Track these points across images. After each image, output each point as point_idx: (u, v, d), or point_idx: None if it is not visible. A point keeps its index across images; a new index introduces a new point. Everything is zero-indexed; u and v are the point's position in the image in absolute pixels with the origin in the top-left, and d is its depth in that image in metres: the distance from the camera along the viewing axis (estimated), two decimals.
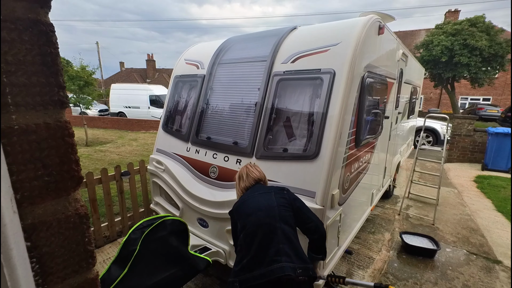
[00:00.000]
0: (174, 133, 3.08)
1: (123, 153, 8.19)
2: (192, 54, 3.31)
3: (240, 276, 1.40)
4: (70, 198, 0.37)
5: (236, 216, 1.66)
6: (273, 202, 1.57)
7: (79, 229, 0.37)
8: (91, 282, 0.38)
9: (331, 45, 2.12)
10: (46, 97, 0.33)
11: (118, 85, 16.59)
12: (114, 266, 1.91)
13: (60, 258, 0.35)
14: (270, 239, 1.42)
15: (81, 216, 0.37)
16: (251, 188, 1.75)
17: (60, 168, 0.35)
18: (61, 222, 0.35)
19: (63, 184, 0.35)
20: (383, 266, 2.96)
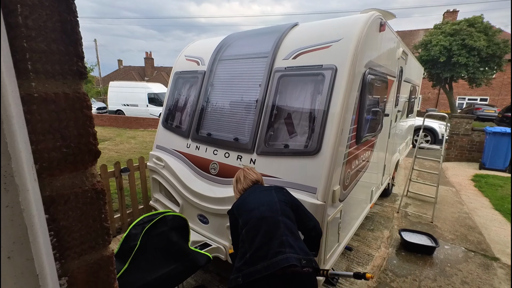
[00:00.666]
0: (174, 130, 3.07)
1: (122, 150, 8.16)
2: (192, 50, 3.29)
3: (243, 270, 1.38)
4: (87, 172, 0.36)
5: (236, 213, 1.66)
6: (274, 198, 1.61)
7: (96, 204, 0.37)
8: (107, 260, 0.38)
9: (333, 41, 2.12)
10: (66, 66, 0.32)
11: (117, 83, 16.49)
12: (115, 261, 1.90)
13: (77, 233, 0.34)
14: (273, 232, 1.43)
15: (98, 191, 0.37)
16: (250, 188, 1.78)
17: (78, 140, 0.34)
18: (79, 196, 0.34)
19: (81, 157, 0.35)
20: (382, 263, 2.97)
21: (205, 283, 2.57)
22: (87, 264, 0.35)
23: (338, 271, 1.77)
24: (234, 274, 1.44)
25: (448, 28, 15.24)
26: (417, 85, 6.05)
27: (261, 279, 1.32)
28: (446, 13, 23.08)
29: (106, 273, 0.38)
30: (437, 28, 16.11)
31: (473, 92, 22.46)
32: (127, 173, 3.40)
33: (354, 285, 2.61)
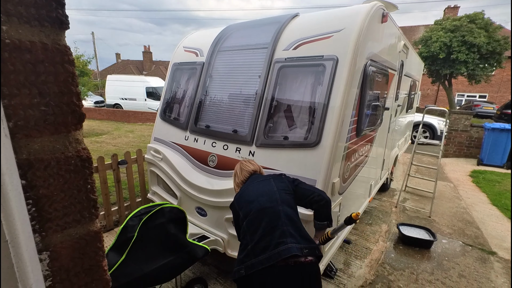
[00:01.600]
0: (172, 122, 3.03)
1: (120, 144, 8.10)
2: (191, 41, 3.24)
3: (246, 262, 1.36)
4: (71, 137, 0.33)
5: (237, 206, 1.64)
6: (273, 187, 1.59)
7: (81, 173, 0.33)
8: (94, 236, 0.35)
9: (334, 31, 2.08)
10: (43, 11, 0.29)
11: (114, 77, 16.33)
12: (112, 252, 1.88)
13: (60, 203, 0.31)
14: (274, 223, 1.41)
15: (83, 159, 0.34)
16: (248, 180, 1.77)
17: (59, 99, 0.31)
18: (61, 162, 0.31)
19: (62, 119, 0.31)
20: (380, 256, 2.98)
21: (203, 276, 2.56)
22: (72, 239, 0.32)
23: (335, 227, 1.76)
24: (237, 266, 1.43)
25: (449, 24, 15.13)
26: (417, 80, 6.02)
27: (264, 270, 1.30)
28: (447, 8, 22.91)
29: (94, 249, 0.35)
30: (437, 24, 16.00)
31: (472, 89, 22.46)
32: (125, 166, 3.36)
33: (352, 278, 2.61)
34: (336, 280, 2.57)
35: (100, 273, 0.35)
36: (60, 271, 0.30)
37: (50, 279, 0.29)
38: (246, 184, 1.74)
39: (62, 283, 0.30)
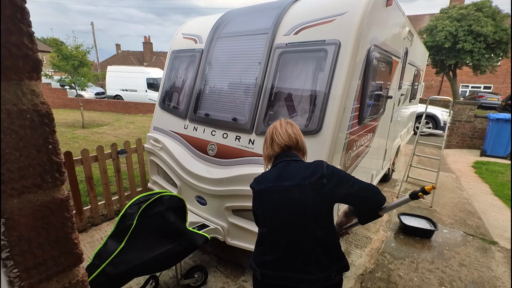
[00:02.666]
0: (172, 110, 2.99)
1: (121, 135, 8.10)
2: (190, 28, 3.16)
3: (262, 269, 1.25)
4: (24, 87, 0.29)
5: (257, 199, 1.34)
6: (306, 201, 1.18)
7: (39, 130, 0.30)
8: (61, 204, 0.31)
9: (337, 14, 2.01)
10: None
11: (115, 68, 16.20)
12: (111, 240, 1.88)
13: (14, 164, 0.27)
14: (298, 246, 1.20)
15: (41, 115, 0.30)
16: (279, 163, 1.31)
17: (5, 39, 0.26)
18: (12, 115, 0.27)
19: (11, 62, 0.27)
20: (380, 246, 2.98)
21: (204, 264, 2.58)
22: (32, 205, 0.29)
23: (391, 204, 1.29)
24: (254, 263, 1.30)
25: (455, 12, 14.77)
26: (421, 69, 5.90)
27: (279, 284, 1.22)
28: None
29: (60, 219, 0.32)
30: (443, 13, 15.62)
31: (477, 80, 22.11)
32: (124, 155, 3.35)
33: (352, 266, 2.62)
34: None
35: (69, 246, 0.32)
36: (19, 242, 0.27)
37: (7, 250, 0.26)
38: (274, 174, 1.29)
39: (23, 255, 0.27)
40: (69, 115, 11.92)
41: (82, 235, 2.98)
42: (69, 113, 12.45)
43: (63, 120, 10.42)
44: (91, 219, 3.20)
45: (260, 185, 1.30)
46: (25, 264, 0.27)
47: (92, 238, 2.94)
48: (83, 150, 2.97)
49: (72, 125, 9.57)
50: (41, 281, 0.30)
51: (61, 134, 7.98)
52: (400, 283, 2.43)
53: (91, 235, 2.98)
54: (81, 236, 2.96)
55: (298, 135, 1.37)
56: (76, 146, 6.59)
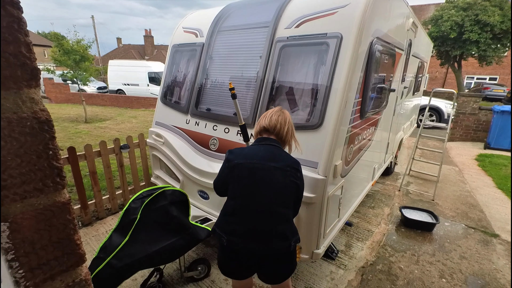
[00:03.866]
0: (173, 105, 3.00)
1: (123, 130, 8.13)
2: (190, 21, 3.13)
3: (230, 237, 1.41)
4: (24, 95, 0.29)
5: (235, 171, 1.42)
6: (286, 187, 1.40)
7: (39, 137, 0.30)
8: (62, 207, 0.32)
9: (339, 7, 1.97)
10: None
11: (116, 62, 16.15)
12: (115, 234, 1.91)
13: (16, 169, 0.28)
14: (270, 222, 1.40)
15: (41, 121, 0.30)
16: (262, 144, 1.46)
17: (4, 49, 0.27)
18: (13, 124, 0.28)
19: (10, 72, 0.28)
20: (381, 239, 3.00)
21: (207, 256, 2.62)
22: (35, 209, 0.30)
23: None
24: (219, 229, 1.46)
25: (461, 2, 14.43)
26: (425, 61, 5.81)
27: (243, 249, 1.42)
28: None
29: (62, 221, 0.33)
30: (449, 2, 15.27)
31: (483, 71, 21.74)
32: (127, 150, 3.37)
33: (353, 259, 2.65)
34: (337, 261, 2.60)
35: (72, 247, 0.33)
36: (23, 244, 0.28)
37: (12, 252, 0.27)
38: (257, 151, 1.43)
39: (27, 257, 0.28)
40: (72, 109, 11.97)
41: (87, 228, 3.03)
42: (71, 108, 12.50)
43: (66, 115, 10.48)
44: (96, 213, 3.25)
45: (243, 159, 1.42)
46: (30, 265, 0.29)
47: (97, 231, 2.99)
48: (87, 146, 2.99)
49: (75, 120, 9.62)
50: (45, 280, 0.31)
51: (65, 129, 8.04)
52: (400, 276, 2.46)
53: (96, 229, 3.04)
54: (86, 230, 3.01)
55: (281, 124, 1.49)
56: (79, 141, 6.64)
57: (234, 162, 1.43)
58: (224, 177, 1.50)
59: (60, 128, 8.08)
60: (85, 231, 2.99)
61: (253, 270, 1.52)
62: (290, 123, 1.52)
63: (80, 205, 3.03)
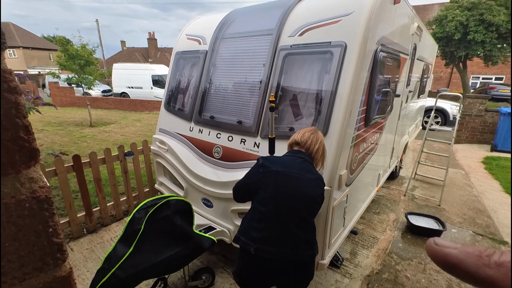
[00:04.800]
0: (177, 112, 3.00)
1: (127, 133, 8.18)
2: (193, 28, 3.14)
3: (258, 244, 1.44)
4: (22, 177, 0.29)
5: (267, 177, 1.48)
6: (316, 197, 1.50)
7: (38, 217, 0.30)
8: (62, 281, 0.31)
9: (343, 15, 1.96)
10: None
11: (120, 65, 16.27)
12: (120, 244, 1.91)
13: (14, 254, 0.28)
14: (298, 227, 1.46)
15: (40, 200, 0.30)
16: (295, 156, 1.57)
17: (2, 136, 0.27)
18: (11, 209, 0.27)
19: (8, 158, 0.27)
20: (387, 246, 2.96)
21: (211, 265, 2.61)
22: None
23: None
24: (246, 235, 1.49)
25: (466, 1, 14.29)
26: (430, 63, 5.76)
27: (272, 259, 1.45)
28: None
29: None
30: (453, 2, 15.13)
31: (488, 71, 21.48)
32: (131, 157, 3.38)
33: (358, 267, 2.62)
34: (342, 270, 2.57)
35: None
36: None
37: None
38: (289, 161, 1.54)
39: None
40: (77, 113, 12.08)
41: (92, 236, 3.05)
42: (76, 111, 12.62)
43: (71, 119, 10.58)
44: (101, 219, 3.27)
45: (281, 168, 1.49)
46: None
47: (102, 239, 3.00)
48: (91, 153, 3.01)
49: (80, 123, 9.70)
50: None
51: (70, 133, 8.11)
52: (407, 285, 2.43)
53: (101, 236, 3.05)
54: (91, 237, 3.03)
55: (312, 140, 1.60)
56: (84, 145, 6.69)
57: (272, 169, 1.49)
58: (253, 183, 1.55)
59: (65, 133, 8.16)
60: (90, 238, 3.00)
61: (275, 280, 1.54)
62: (322, 144, 1.62)
63: (85, 212, 3.05)
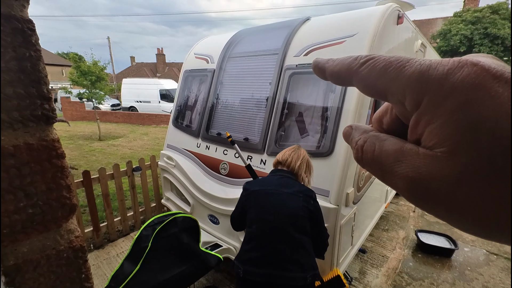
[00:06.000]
0: (184, 129, 3.06)
1: (135, 147, 8.31)
2: (202, 48, 3.25)
3: (246, 266, 1.41)
4: (62, 230, 0.32)
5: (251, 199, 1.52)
6: (298, 211, 1.44)
7: (73, 265, 0.32)
8: None
9: (347, 36, 2.01)
10: (26, 112, 0.28)
11: (129, 80, 16.79)
12: (127, 262, 1.92)
13: None
14: (285, 246, 1.39)
15: (75, 249, 0.32)
16: (276, 174, 1.57)
17: (47, 196, 0.30)
18: (51, 259, 0.30)
19: (52, 215, 0.30)
20: (397, 265, 2.88)
21: (216, 283, 2.58)
22: None
23: None
24: (237, 261, 1.47)
25: (469, 15, 14.43)
26: None
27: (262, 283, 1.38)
28: None
29: None
30: (457, 16, 15.29)
31: None
32: (139, 172, 3.43)
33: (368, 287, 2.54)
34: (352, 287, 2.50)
35: None
36: None
37: None
38: (272, 180, 1.55)
39: None
40: (87, 127, 12.37)
41: (99, 251, 3.05)
42: (86, 125, 12.92)
43: (81, 133, 10.83)
44: (108, 235, 3.28)
45: (258, 187, 1.54)
46: None
47: (108, 254, 3.00)
48: (101, 169, 3.07)
49: (90, 137, 9.92)
50: None
51: (79, 147, 8.28)
52: None
53: (107, 252, 3.05)
54: (98, 252, 3.03)
55: (292, 158, 1.60)
56: (93, 159, 6.81)
57: (250, 190, 1.55)
58: (240, 207, 1.58)
59: (75, 146, 8.34)
60: (97, 254, 3.01)
61: None
62: (304, 160, 1.62)
63: (92, 227, 3.07)
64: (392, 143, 0.18)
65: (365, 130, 0.22)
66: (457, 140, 0.15)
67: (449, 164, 0.15)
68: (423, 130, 0.17)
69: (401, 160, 0.17)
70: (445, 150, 0.15)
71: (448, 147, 0.15)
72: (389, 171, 0.18)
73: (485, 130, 0.14)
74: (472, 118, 0.14)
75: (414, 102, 0.17)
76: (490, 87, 0.14)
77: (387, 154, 0.18)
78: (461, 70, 0.15)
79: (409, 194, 0.17)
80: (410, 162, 0.17)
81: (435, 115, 0.16)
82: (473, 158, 0.14)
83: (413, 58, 0.18)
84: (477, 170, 0.14)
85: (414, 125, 0.17)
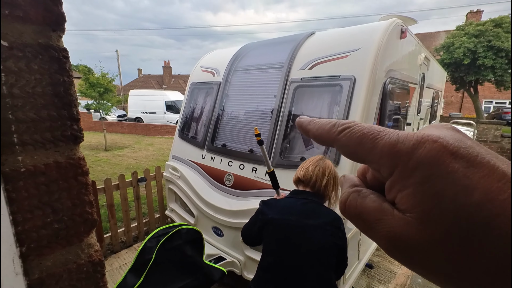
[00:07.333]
0: (190, 140, 3.09)
1: (140, 157, 8.37)
2: (208, 61, 3.32)
3: None
4: (83, 244, 0.33)
5: (270, 227, 1.34)
6: (325, 246, 1.26)
7: (92, 279, 0.33)
8: None
9: (351, 50, 2.05)
10: (58, 133, 0.29)
11: (136, 91, 17.14)
12: (130, 274, 1.90)
13: None
14: (306, 283, 1.25)
15: (94, 263, 0.33)
16: (299, 197, 1.35)
17: (72, 212, 0.31)
18: (72, 273, 0.31)
19: (75, 230, 0.32)
20: (406, 281, 2.80)
21: None
22: None
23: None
24: (255, 284, 1.38)
25: (472, 29, 14.55)
26: (439, 90, 5.78)
27: None
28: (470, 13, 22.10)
29: None
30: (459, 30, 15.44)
31: (501, 95, 21.21)
32: (144, 183, 3.45)
33: None
34: None
35: None
36: None
37: None
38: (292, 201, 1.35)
39: None
40: (93, 137, 12.54)
41: None
42: (93, 136, 13.11)
43: (87, 143, 10.97)
44: (111, 246, 3.27)
45: (278, 215, 1.33)
46: None
47: (111, 266, 2.98)
48: (106, 180, 3.09)
49: (96, 147, 10.04)
50: None
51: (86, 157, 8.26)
52: None
53: (110, 263, 3.03)
54: None
55: (317, 175, 1.35)
56: (98, 170, 6.87)
57: (268, 217, 1.34)
58: (256, 231, 1.42)
59: None
60: None
61: None
62: (330, 175, 1.36)
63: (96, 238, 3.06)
64: (372, 200, 0.20)
65: (352, 183, 0.24)
66: (424, 209, 0.17)
67: (419, 229, 0.17)
68: (396, 194, 0.19)
69: (380, 219, 0.19)
70: (415, 216, 0.17)
71: (417, 213, 0.17)
72: (372, 227, 0.20)
73: (447, 202, 0.16)
74: (436, 190, 0.17)
75: (387, 171, 0.19)
76: (448, 163, 0.17)
77: (368, 211, 0.20)
78: (423, 146, 0.18)
79: (390, 252, 0.19)
80: (387, 222, 0.19)
81: (405, 185, 0.18)
82: (437, 226, 0.16)
83: (383, 129, 0.20)
84: (442, 237, 0.16)
85: (389, 189, 0.20)
